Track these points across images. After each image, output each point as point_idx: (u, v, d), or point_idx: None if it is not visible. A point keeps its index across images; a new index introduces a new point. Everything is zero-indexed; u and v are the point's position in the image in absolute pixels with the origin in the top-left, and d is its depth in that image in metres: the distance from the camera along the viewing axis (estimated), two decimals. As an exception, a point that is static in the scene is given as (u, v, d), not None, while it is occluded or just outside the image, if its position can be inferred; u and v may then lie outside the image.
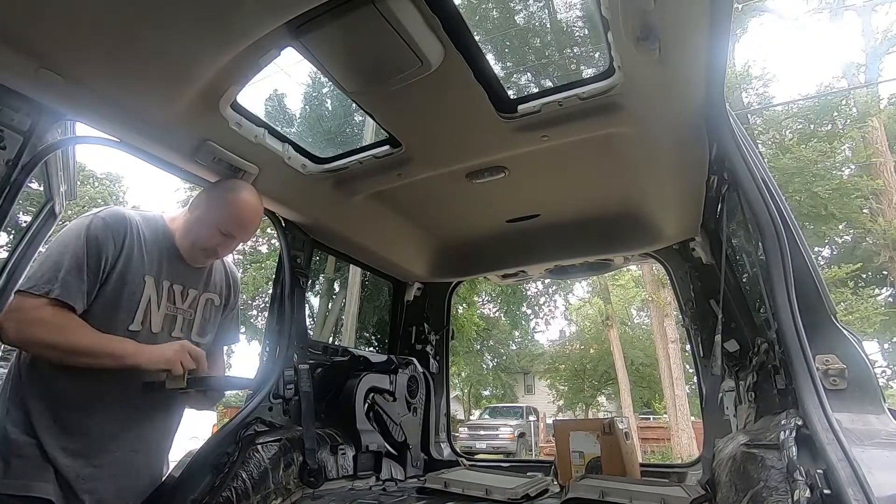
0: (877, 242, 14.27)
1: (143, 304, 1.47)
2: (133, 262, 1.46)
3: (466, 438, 15.48)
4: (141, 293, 1.47)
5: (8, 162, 1.32)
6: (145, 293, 1.48)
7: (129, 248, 1.45)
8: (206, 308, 1.68)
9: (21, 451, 1.29)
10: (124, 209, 1.55)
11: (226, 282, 1.79)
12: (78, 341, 1.31)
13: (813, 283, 1.27)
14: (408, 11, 1.30)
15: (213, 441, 1.72)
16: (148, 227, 1.54)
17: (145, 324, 1.48)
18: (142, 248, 1.49)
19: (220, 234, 1.55)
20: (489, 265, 2.95)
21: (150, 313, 1.50)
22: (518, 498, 1.86)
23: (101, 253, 1.39)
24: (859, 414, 1.09)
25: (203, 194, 1.63)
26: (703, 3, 1.19)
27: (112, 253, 1.42)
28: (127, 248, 1.45)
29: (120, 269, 1.43)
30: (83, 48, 1.20)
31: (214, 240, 1.55)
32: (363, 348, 8.28)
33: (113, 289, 1.42)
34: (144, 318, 1.48)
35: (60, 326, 1.30)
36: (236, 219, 1.58)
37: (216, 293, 1.73)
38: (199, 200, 1.61)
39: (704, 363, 2.41)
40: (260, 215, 1.67)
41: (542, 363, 27.50)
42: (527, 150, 1.90)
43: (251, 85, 1.54)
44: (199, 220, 1.56)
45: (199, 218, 1.56)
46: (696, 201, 2.10)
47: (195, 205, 1.60)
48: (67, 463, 1.33)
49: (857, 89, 14.57)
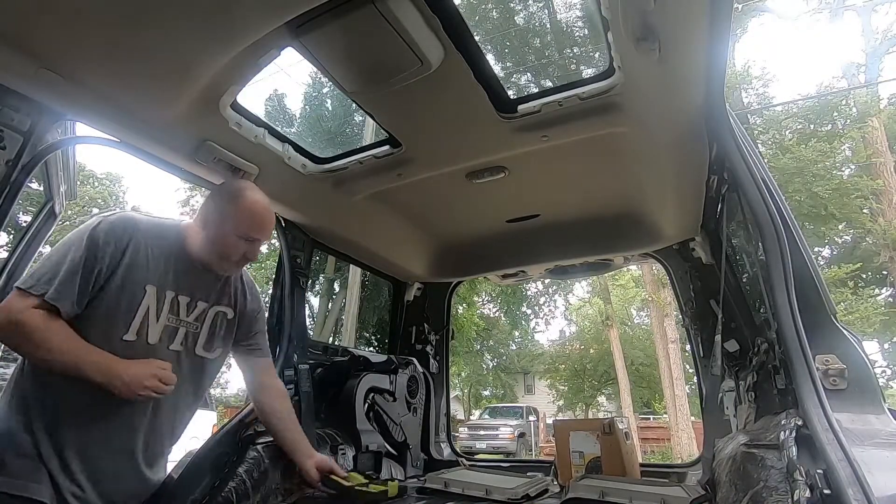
0: (877, 242, 14.27)
1: (140, 313, 1.41)
2: (135, 269, 1.41)
3: (466, 438, 15.46)
4: (139, 302, 1.41)
5: (8, 162, 1.33)
6: (144, 302, 1.42)
7: (132, 255, 1.40)
8: (216, 322, 1.61)
9: (20, 451, 1.28)
10: (138, 215, 1.50)
11: (241, 292, 1.72)
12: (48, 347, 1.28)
13: (813, 283, 1.27)
14: (408, 11, 1.30)
15: (213, 441, 1.72)
16: (159, 234, 1.49)
17: (141, 334, 1.41)
18: (147, 255, 1.44)
19: (245, 241, 1.54)
20: (489, 265, 2.95)
21: (148, 324, 1.43)
22: (518, 498, 1.86)
23: (98, 258, 1.35)
24: (859, 414, 1.09)
25: (211, 205, 1.56)
26: (703, 4, 1.19)
27: (111, 258, 1.37)
28: (130, 254, 1.40)
29: (120, 276, 1.38)
30: (83, 48, 1.20)
31: (241, 248, 1.54)
32: (363, 348, 8.28)
33: (110, 296, 1.37)
34: (141, 329, 1.41)
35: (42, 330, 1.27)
36: (255, 223, 1.55)
37: (229, 306, 1.65)
38: (210, 214, 1.54)
39: (704, 363, 2.41)
40: (272, 210, 1.63)
41: (542, 363, 27.47)
42: (527, 150, 1.90)
43: (251, 85, 1.54)
44: (218, 234, 1.51)
45: (218, 232, 1.51)
46: (696, 201, 2.10)
47: (206, 220, 1.54)
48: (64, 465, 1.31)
49: (857, 89, 14.56)
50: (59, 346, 1.29)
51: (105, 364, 1.31)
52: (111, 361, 1.32)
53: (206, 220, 1.54)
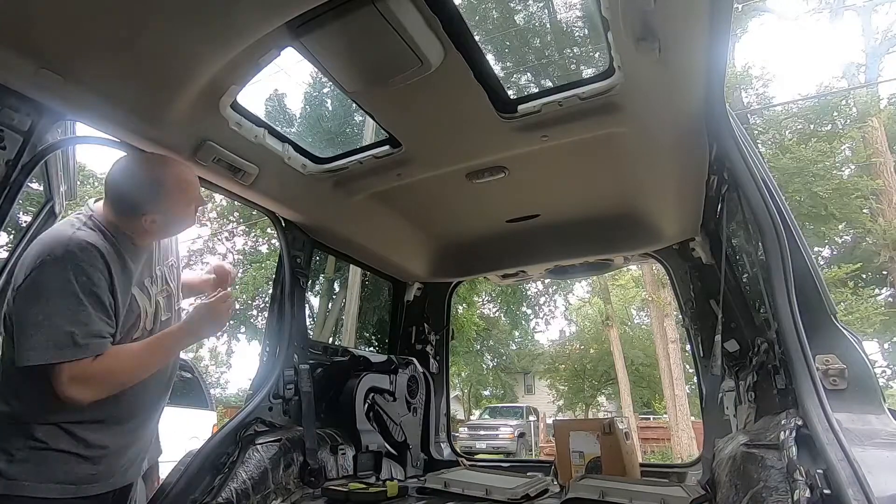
0: (877, 242, 14.25)
1: (141, 314, 1.48)
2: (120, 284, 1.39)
3: (466, 438, 15.45)
4: (138, 307, 1.47)
5: (8, 162, 1.32)
6: (141, 305, 1.48)
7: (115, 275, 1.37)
8: (171, 274, 1.66)
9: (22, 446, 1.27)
10: (80, 234, 1.35)
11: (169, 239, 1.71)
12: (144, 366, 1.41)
13: (813, 283, 1.27)
14: (408, 11, 1.30)
15: (213, 441, 1.72)
16: (106, 240, 1.39)
17: (142, 327, 1.49)
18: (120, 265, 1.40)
19: (193, 213, 1.56)
20: (489, 265, 2.95)
21: (148, 315, 1.51)
22: (518, 498, 1.86)
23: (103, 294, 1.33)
24: (859, 414, 1.09)
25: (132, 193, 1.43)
26: (703, 4, 1.19)
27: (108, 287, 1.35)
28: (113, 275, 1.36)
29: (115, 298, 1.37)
30: (83, 48, 1.20)
31: (189, 221, 1.56)
32: (363, 348, 8.28)
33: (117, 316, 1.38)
34: (146, 322, 1.50)
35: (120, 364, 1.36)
36: (193, 194, 1.53)
37: (172, 255, 1.69)
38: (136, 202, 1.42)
39: (704, 363, 2.41)
40: (193, 171, 1.59)
41: (542, 363, 27.46)
42: (527, 150, 1.90)
43: (251, 85, 1.54)
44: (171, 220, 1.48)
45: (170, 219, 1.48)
46: (696, 201, 2.10)
47: (133, 208, 1.42)
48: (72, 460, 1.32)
49: (857, 89, 14.54)
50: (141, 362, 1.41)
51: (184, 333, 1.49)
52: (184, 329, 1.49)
53: (130, 208, 1.43)
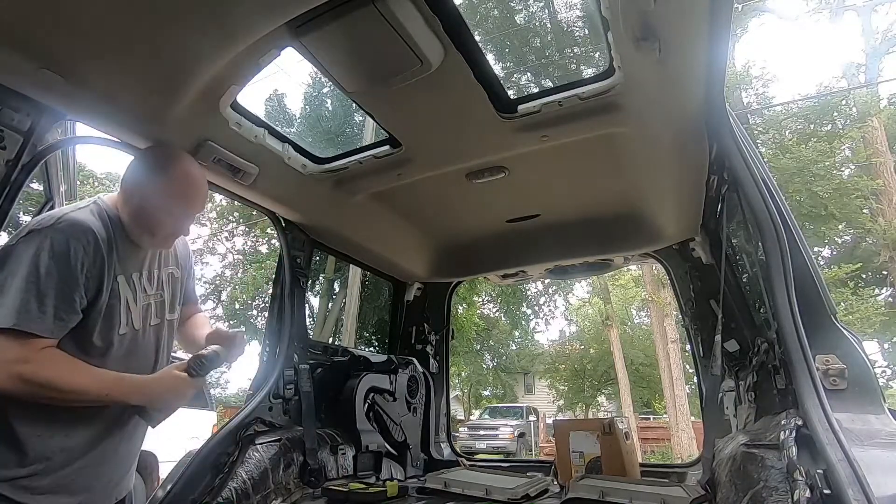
0: (877, 242, 14.26)
1: (123, 305, 1.40)
2: (105, 268, 1.34)
3: (466, 438, 15.46)
4: (119, 296, 1.39)
5: (8, 162, 1.32)
6: (122, 295, 1.40)
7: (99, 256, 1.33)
8: (170, 283, 1.61)
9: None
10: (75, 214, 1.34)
11: (179, 249, 1.67)
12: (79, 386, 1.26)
13: (813, 283, 1.27)
14: (408, 11, 1.30)
15: (213, 441, 1.72)
16: (102, 223, 1.37)
17: (128, 324, 1.42)
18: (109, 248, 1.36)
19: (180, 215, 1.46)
20: (489, 265, 2.95)
21: (131, 312, 1.43)
22: (518, 498, 1.86)
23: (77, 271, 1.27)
24: (859, 414, 1.09)
25: (135, 176, 1.43)
26: (703, 3, 1.19)
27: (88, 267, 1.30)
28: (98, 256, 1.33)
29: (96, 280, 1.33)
30: (83, 48, 1.20)
31: (175, 222, 1.46)
32: (363, 348, 8.28)
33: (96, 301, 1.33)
34: (127, 319, 1.42)
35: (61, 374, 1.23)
36: (190, 196, 1.46)
37: (174, 265, 1.64)
38: (135, 185, 1.42)
39: (704, 363, 2.41)
40: (205, 178, 1.55)
41: (542, 363, 27.48)
42: (527, 150, 1.90)
43: (251, 85, 1.54)
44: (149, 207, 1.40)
45: (149, 206, 1.40)
46: (696, 201, 2.10)
47: (132, 192, 1.41)
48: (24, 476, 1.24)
49: (857, 89, 14.55)
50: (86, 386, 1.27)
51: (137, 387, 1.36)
52: (141, 384, 1.37)
53: (133, 193, 1.42)
